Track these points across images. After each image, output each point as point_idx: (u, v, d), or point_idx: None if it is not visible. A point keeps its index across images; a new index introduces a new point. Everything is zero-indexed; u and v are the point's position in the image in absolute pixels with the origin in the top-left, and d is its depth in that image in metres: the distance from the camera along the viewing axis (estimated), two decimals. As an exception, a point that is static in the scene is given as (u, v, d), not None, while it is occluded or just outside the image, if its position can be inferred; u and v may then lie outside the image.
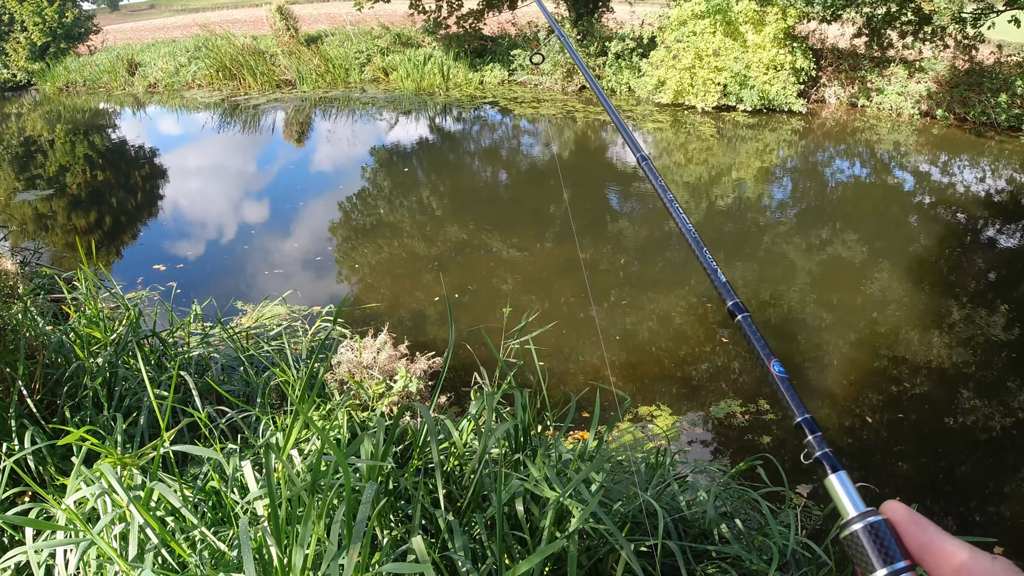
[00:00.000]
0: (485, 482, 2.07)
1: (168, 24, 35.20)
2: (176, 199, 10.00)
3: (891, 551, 0.50)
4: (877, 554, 0.50)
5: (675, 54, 13.23)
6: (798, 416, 0.64)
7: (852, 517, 0.54)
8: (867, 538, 0.51)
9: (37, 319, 3.62)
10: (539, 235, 7.49)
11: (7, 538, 2.40)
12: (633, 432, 4.05)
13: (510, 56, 16.59)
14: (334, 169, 10.90)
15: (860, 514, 0.53)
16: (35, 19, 21.01)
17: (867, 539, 0.51)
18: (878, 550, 0.50)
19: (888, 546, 0.50)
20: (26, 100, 19.92)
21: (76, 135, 14.32)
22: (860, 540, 0.51)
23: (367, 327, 4.42)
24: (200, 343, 3.85)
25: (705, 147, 11.33)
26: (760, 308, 5.79)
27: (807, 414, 0.64)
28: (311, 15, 26.00)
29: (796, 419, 0.65)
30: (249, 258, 7.24)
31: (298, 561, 1.69)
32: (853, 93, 13.59)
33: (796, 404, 0.65)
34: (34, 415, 2.80)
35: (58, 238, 8.24)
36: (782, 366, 0.69)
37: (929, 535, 0.49)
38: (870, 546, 0.51)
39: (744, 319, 0.74)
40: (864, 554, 0.51)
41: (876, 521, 0.52)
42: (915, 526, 0.50)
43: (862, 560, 0.51)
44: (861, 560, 0.51)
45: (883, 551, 0.50)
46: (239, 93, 17.25)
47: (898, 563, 0.49)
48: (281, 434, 2.31)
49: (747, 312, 0.74)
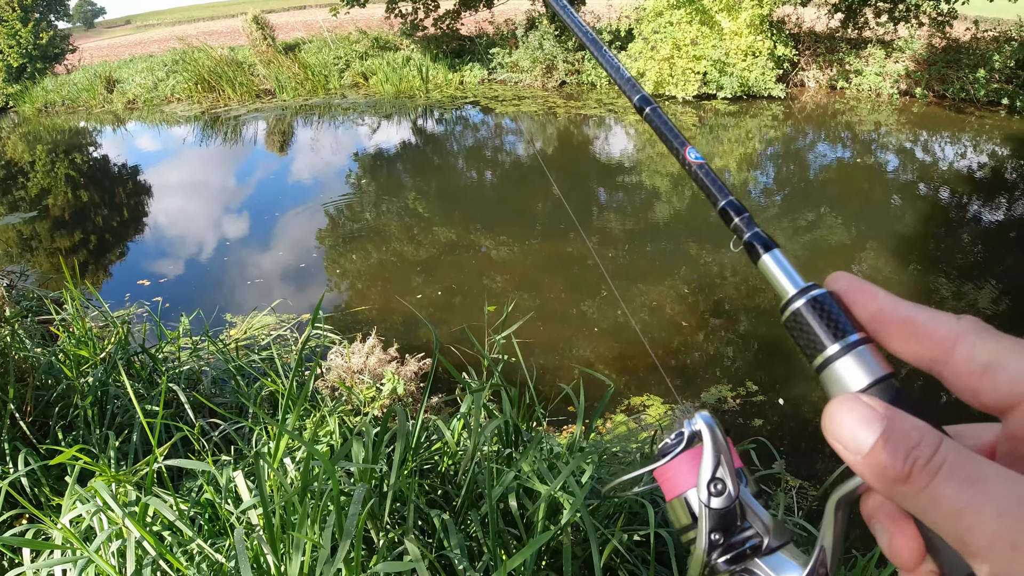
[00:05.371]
0: (479, 480, 2.08)
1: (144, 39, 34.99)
2: (159, 215, 9.96)
3: (840, 324, 0.42)
4: (825, 330, 0.42)
5: (653, 45, 13.27)
6: (721, 200, 0.56)
7: (792, 295, 0.45)
8: (811, 314, 0.43)
9: (26, 341, 3.60)
10: (527, 232, 7.50)
11: (6, 561, 2.40)
12: (627, 423, 4.07)
13: (489, 55, 16.59)
14: (318, 176, 10.87)
15: (801, 290, 0.45)
16: (10, 41, 20.84)
17: (811, 315, 0.43)
18: (826, 325, 0.42)
19: (837, 319, 0.42)
20: (4, 123, 19.76)
21: (57, 156, 14.23)
22: (804, 318, 0.43)
23: (358, 332, 4.42)
24: (190, 357, 3.85)
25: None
26: (749, 294, 5.82)
27: (731, 196, 0.55)
28: (287, 23, 25.92)
29: (720, 203, 0.56)
30: (234, 269, 7.22)
31: (294, 567, 1.70)
32: (832, 76, 13.67)
33: (718, 188, 0.56)
34: (27, 437, 2.79)
35: (43, 260, 8.19)
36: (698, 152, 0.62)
37: (879, 300, 0.41)
38: (816, 322, 0.42)
39: (652, 110, 0.68)
40: (811, 333, 0.42)
41: (819, 294, 0.44)
42: (863, 293, 0.42)
43: (809, 341, 0.42)
44: (808, 341, 0.43)
45: (832, 325, 0.42)
46: (219, 105, 17.17)
47: (851, 335, 0.41)
48: (273, 443, 2.31)
49: (656, 104, 0.68)
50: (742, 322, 5.48)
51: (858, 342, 0.41)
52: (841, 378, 0.40)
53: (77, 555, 2.01)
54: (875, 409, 0.35)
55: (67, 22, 25.05)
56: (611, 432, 3.91)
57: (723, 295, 5.87)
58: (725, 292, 5.92)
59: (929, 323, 0.38)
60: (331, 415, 2.54)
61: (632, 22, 14.81)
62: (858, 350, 0.40)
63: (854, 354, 0.40)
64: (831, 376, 0.41)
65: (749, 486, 0.51)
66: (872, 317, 0.41)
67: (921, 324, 0.38)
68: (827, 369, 0.41)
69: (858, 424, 0.35)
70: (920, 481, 0.32)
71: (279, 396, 2.84)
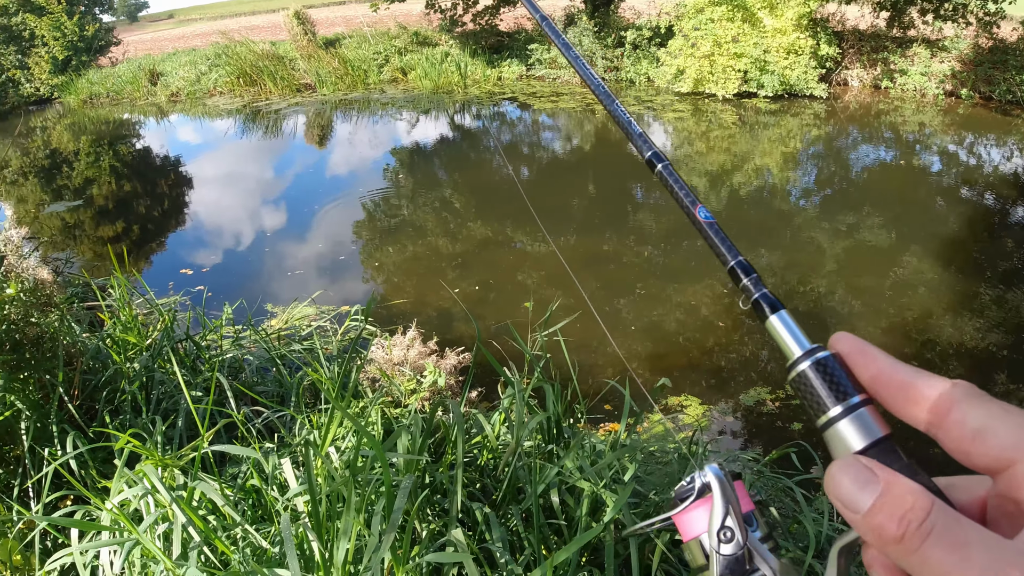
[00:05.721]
0: (520, 474, 2.09)
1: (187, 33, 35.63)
2: (200, 205, 10.15)
3: (843, 386, 0.45)
4: (828, 392, 0.45)
5: (693, 42, 13.14)
6: (731, 260, 0.58)
7: (798, 357, 0.48)
8: (815, 376, 0.46)
9: (74, 327, 3.69)
10: (562, 229, 7.49)
11: (50, 541, 2.45)
12: (664, 423, 4.05)
13: (527, 51, 16.58)
14: (356, 170, 10.98)
15: (806, 352, 0.48)
16: (55, 34, 21.37)
17: (816, 377, 0.46)
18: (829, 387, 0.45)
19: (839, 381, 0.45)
20: (50, 114, 20.28)
21: (101, 146, 14.56)
22: (808, 379, 0.46)
23: (395, 325, 4.46)
24: (232, 345, 3.92)
25: (727, 135, 11.24)
26: (788, 296, 5.74)
27: (740, 256, 0.58)
28: (328, 18, 26.18)
29: (729, 263, 0.58)
30: (275, 260, 7.33)
31: (339, 555, 1.73)
32: (876, 75, 13.39)
33: (728, 248, 0.59)
34: (74, 420, 2.85)
35: (87, 247, 8.40)
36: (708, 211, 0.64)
37: (880, 364, 0.44)
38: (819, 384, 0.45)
39: (664, 167, 0.69)
40: (815, 394, 0.45)
41: (823, 357, 0.46)
42: (864, 356, 0.45)
43: (813, 401, 0.45)
44: (813, 402, 0.45)
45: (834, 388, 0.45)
46: (260, 99, 17.42)
47: (852, 398, 0.44)
48: (317, 432, 2.35)
49: (667, 161, 0.69)
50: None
51: (859, 404, 0.43)
52: (843, 439, 0.43)
53: (124, 537, 2.06)
54: (872, 472, 0.38)
55: (111, 15, 25.62)
56: (648, 432, 3.90)
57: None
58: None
59: (925, 388, 0.41)
60: (373, 405, 2.57)
61: (672, 19, 14.66)
62: (858, 412, 0.43)
63: (855, 416, 0.43)
64: (833, 436, 0.44)
65: (760, 529, 0.55)
66: (872, 379, 0.44)
67: (918, 389, 0.41)
68: (830, 429, 0.44)
69: (857, 486, 0.38)
70: (912, 543, 0.35)
71: (320, 386, 2.89)
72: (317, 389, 3.45)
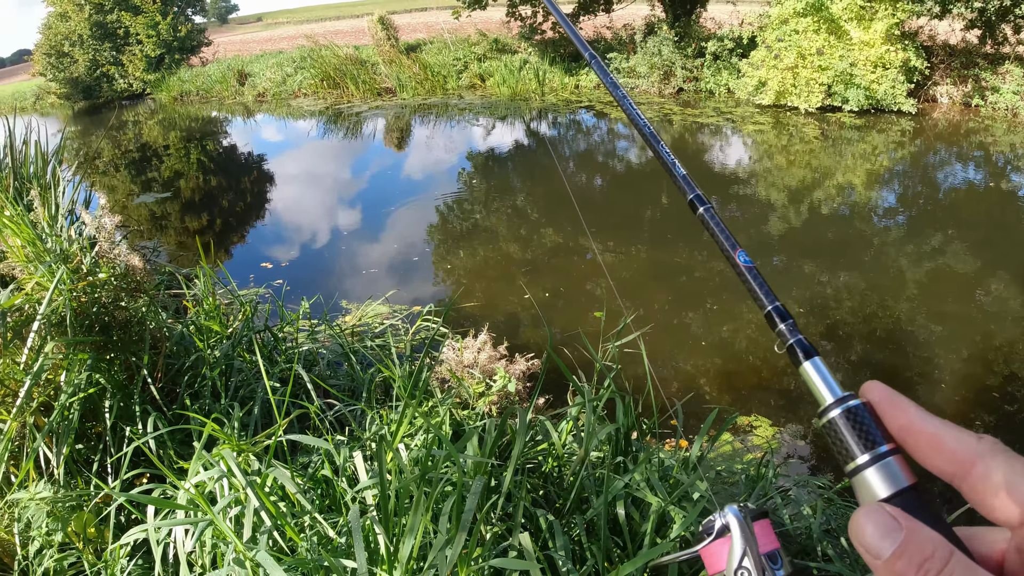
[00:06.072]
0: (585, 484, 2.09)
1: (275, 36, 36.98)
2: (281, 202, 10.50)
3: (872, 435, 0.46)
4: (857, 440, 0.46)
5: (776, 53, 12.84)
6: (768, 305, 0.61)
7: (829, 404, 0.50)
8: (845, 423, 0.47)
9: (161, 312, 3.87)
10: (635, 239, 7.43)
11: (123, 516, 2.56)
12: (732, 443, 3.97)
13: (606, 60, 16.53)
14: (431, 173, 11.16)
15: (837, 400, 0.49)
16: (149, 32, 22.50)
17: (845, 424, 0.47)
18: (858, 435, 0.46)
19: (868, 430, 0.46)
20: (142, 109, 21.34)
21: (190, 142, 15.25)
22: (839, 427, 0.48)
23: (463, 327, 4.51)
24: (307, 339, 4.04)
25: (808, 149, 10.93)
26: (867, 318, 5.55)
27: (777, 302, 0.60)
28: (409, 24, 26.74)
29: (766, 308, 0.61)
30: (350, 258, 7.52)
31: (405, 550, 1.76)
32: (966, 92, 12.79)
33: (765, 293, 0.61)
34: (156, 402, 2.97)
35: (172, 238, 8.80)
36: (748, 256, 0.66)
37: (909, 415, 0.45)
38: (849, 432, 0.47)
39: (706, 211, 0.71)
40: (844, 441, 0.47)
41: (854, 405, 0.48)
42: (894, 407, 0.47)
43: (843, 448, 0.47)
44: (842, 448, 0.47)
45: (863, 436, 0.46)
46: (342, 101, 17.92)
47: (880, 447, 0.45)
48: (387, 428, 2.40)
49: (709, 204, 0.71)
50: (854, 349, 5.23)
51: (886, 453, 0.45)
52: (869, 486, 0.45)
53: (198, 517, 2.14)
54: (895, 519, 0.40)
55: (203, 17, 26.87)
56: (715, 450, 3.83)
57: (836, 318, 5.61)
58: (840, 315, 5.66)
59: (952, 441, 0.43)
60: (443, 406, 2.60)
61: (755, 29, 14.37)
62: (885, 461, 0.45)
63: (882, 465, 0.45)
64: (860, 483, 0.46)
65: (784, 568, 0.57)
66: (901, 429, 0.46)
67: (944, 441, 0.43)
68: (857, 476, 0.46)
69: (880, 533, 0.40)
70: None
71: (392, 383, 2.95)
72: (388, 386, 3.52)
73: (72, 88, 24.79)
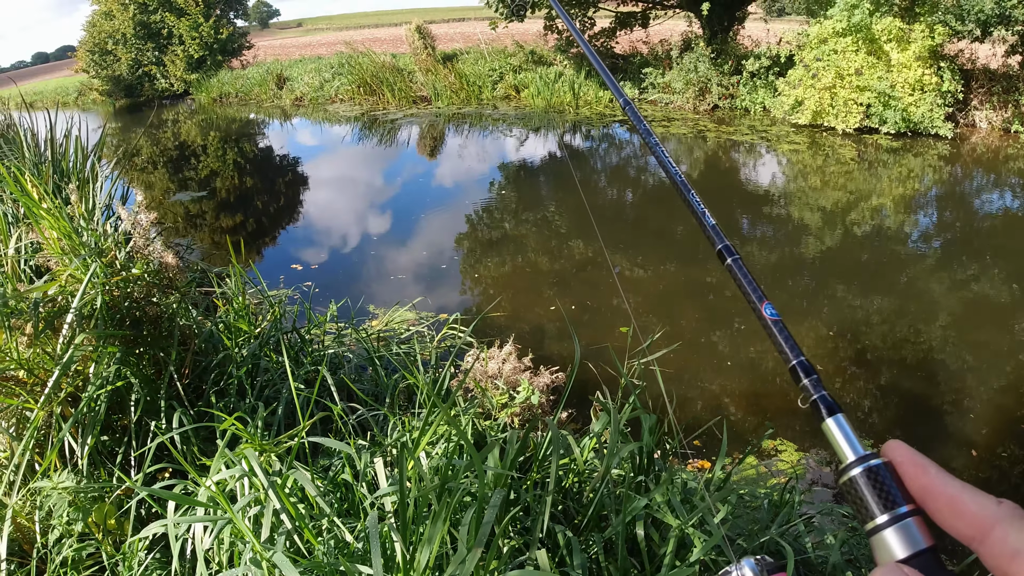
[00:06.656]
0: (605, 501, 2.06)
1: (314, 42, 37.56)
2: (314, 205, 10.62)
3: (892, 495, 0.46)
4: (877, 499, 0.46)
5: (814, 73, 12.71)
6: (793, 359, 0.61)
7: (851, 462, 0.50)
8: (866, 482, 0.48)
9: (191, 310, 3.92)
10: (664, 256, 7.38)
11: (144, 510, 2.58)
12: (757, 467, 3.91)
13: (641, 74, 16.50)
14: (462, 182, 11.21)
15: (859, 458, 0.50)
16: (192, 33, 22.98)
17: (866, 484, 0.47)
18: (878, 495, 0.46)
19: (888, 490, 0.46)
20: (182, 108, 21.75)
21: (227, 142, 15.50)
22: (859, 485, 0.48)
23: (489, 337, 4.50)
24: (333, 342, 4.06)
25: (844, 171, 10.78)
26: (897, 345, 5.44)
27: (802, 356, 0.61)
28: (447, 34, 26.97)
29: (791, 362, 0.61)
30: (379, 263, 7.56)
31: (422, 559, 1.75)
32: (1006, 118, 12.53)
33: (791, 347, 0.62)
34: (181, 398, 2.99)
35: (206, 236, 8.93)
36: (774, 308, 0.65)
37: (930, 477, 0.46)
38: (869, 491, 0.47)
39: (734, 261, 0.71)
40: (864, 500, 0.47)
41: (875, 464, 0.48)
42: (915, 467, 0.47)
43: (863, 507, 0.47)
44: (862, 507, 0.47)
45: (883, 496, 0.46)
46: (378, 108, 18.10)
47: (900, 508, 0.45)
48: (409, 435, 2.39)
49: (737, 255, 0.71)
50: (884, 374, 5.12)
51: (906, 514, 0.45)
52: (887, 547, 0.45)
53: (218, 515, 2.15)
54: None
55: (244, 20, 27.42)
56: (738, 473, 3.77)
57: (867, 343, 5.51)
58: (870, 340, 5.55)
59: (971, 504, 0.43)
60: (465, 415, 2.60)
61: (793, 48, 14.24)
62: (905, 522, 0.45)
63: (901, 526, 0.45)
64: (879, 543, 0.46)
65: None
66: (922, 489, 0.46)
67: (964, 504, 0.43)
68: (876, 536, 0.46)
69: None
70: None
71: (416, 390, 2.95)
72: (411, 392, 3.52)
73: (114, 85, 25.41)
